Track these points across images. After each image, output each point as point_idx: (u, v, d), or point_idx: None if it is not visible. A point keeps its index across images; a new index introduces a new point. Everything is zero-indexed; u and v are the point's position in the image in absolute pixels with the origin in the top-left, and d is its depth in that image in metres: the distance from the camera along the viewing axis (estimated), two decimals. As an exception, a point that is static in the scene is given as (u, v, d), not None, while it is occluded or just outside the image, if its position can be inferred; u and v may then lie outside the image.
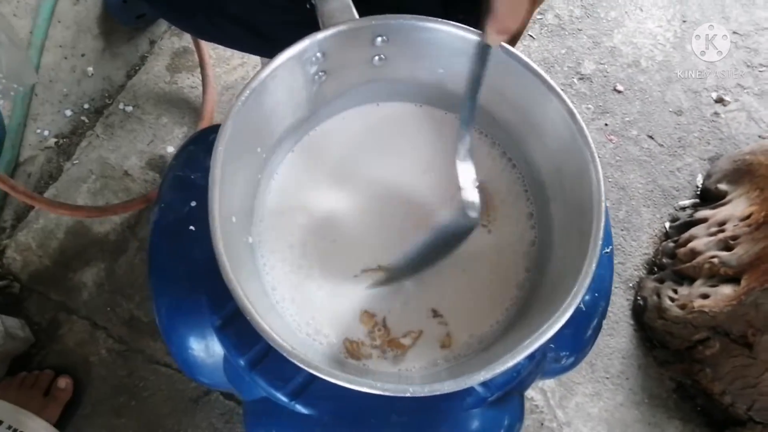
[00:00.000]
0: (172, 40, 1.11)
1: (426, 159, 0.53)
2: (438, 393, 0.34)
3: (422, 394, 0.34)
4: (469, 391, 0.46)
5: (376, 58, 0.47)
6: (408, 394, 0.34)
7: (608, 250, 0.53)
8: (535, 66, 0.43)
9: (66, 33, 1.06)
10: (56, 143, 1.03)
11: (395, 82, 0.51)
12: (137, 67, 1.09)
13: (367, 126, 0.54)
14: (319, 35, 0.42)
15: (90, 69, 1.06)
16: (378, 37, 0.45)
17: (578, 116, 0.42)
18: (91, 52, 1.07)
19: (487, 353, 0.44)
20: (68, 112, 1.04)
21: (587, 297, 0.51)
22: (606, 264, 0.52)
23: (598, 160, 0.41)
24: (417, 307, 0.48)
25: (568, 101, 0.42)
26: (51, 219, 0.98)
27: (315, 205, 0.51)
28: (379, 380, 0.35)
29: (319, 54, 0.44)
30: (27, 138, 1.02)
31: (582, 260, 0.38)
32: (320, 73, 0.46)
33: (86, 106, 1.05)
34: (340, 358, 0.46)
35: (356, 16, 0.44)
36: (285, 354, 0.35)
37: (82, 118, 1.05)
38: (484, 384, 0.46)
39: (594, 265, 0.38)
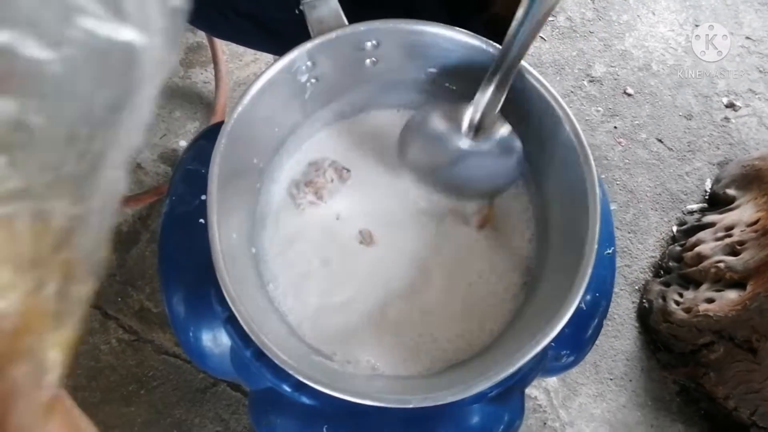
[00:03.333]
0: (186, 35, 1.12)
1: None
2: (439, 403, 0.36)
3: (424, 405, 0.36)
4: (470, 386, 0.47)
5: (368, 61, 0.48)
6: (410, 406, 0.36)
7: (610, 251, 0.53)
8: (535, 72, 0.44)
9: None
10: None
11: (387, 84, 0.51)
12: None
13: (366, 131, 0.55)
14: (308, 45, 0.43)
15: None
16: (368, 42, 0.45)
17: (577, 126, 0.44)
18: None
19: (482, 359, 0.45)
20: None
21: (588, 297, 0.52)
22: (608, 265, 0.53)
23: (595, 174, 0.43)
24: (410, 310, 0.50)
25: (567, 109, 0.44)
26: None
27: (317, 213, 0.52)
28: (380, 391, 0.36)
29: (309, 63, 0.44)
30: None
31: (574, 275, 0.39)
32: (312, 81, 0.47)
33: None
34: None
35: (345, 22, 0.44)
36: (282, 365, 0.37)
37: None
38: (484, 379, 0.47)
39: (585, 281, 0.39)
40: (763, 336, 0.81)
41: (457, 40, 0.45)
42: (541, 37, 1.18)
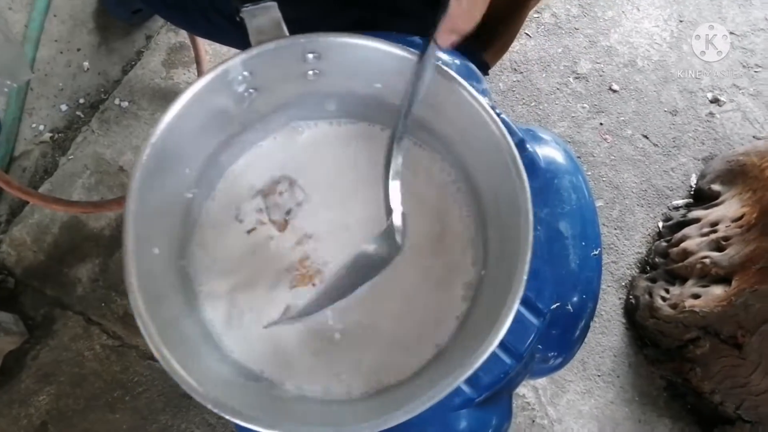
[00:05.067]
0: (169, 35, 1.10)
1: (361, 177, 0.52)
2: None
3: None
4: (457, 391, 0.46)
5: (310, 72, 0.47)
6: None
7: (596, 252, 0.53)
8: (470, 89, 0.44)
9: (62, 27, 1.05)
10: (51, 138, 1.03)
11: (331, 96, 0.50)
12: (133, 63, 1.09)
13: (302, 144, 0.54)
14: (243, 56, 0.42)
15: (86, 64, 1.06)
16: (309, 54, 0.44)
17: (511, 143, 0.42)
18: (87, 47, 1.07)
19: (421, 379, 0.45)
20: (63, 107, 1.04)
21: (575, 298, 0.51)
22: (594, 266, 0.53)
23: (528, 193, 0.41)
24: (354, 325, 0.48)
25: (501, 126, 0.43)
26: (46, 214, 0.98)
27: (248, 224, 0.51)
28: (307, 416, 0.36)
29: (246, 73, 0.43)
30: (22, 132, 1.02)
31: (499, 310, 0.38)
32: (250, 91, 0.46)
33: (81, 101, 1.05)
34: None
35: (286, 32, 0.43)
36: (200, 400, 0.36)
37: (78, 113, 1.05)
38: (471, 384, 0.46)
39: (511, 317, 0.38)
40: (749, 331, 0.81)
41: (398, 55, 0.44)
42: (527, 34, 1.18)
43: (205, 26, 0.70)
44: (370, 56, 0.45)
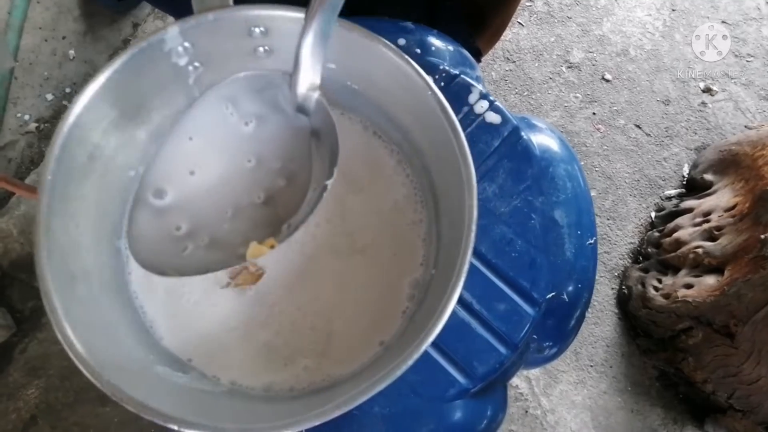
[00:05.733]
0: (156, 23, 1.09)
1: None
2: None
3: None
4: (452, 382, 0.46)
5: (260, 49, 0.44)
6: None
7: (591, 242, 0.53)
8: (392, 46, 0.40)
9: (46, 14, 1.03)
10: (37, 128, 1.01)
11: (283, 75, 0.47)
12: (120, 51, 1.07)
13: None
14: (181, 24, 0.39)
15: (71, 52, 1.04)
16: (254, 28, 0.41)
17: (452, 115, 0.38)
18: (73, 35, 1.05)
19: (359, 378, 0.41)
20: (49, 96, 1.02)
21: (570, 288, 0.51)
22: (590, 255, 0.52)
23: (474, 183, 0.37)
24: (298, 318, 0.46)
25: (439, 94, 0.39)
26: (32, 205, 0.96)
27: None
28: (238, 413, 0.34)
29: (187, 44, 0.41)
30: (7, 122, 1.00)
31: (438, 301, 0.35)
32: (195, 65, 0.43)
33: (68, 90, 1.03)
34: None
35: (230, 2, 0.40)
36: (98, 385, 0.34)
37: (64, 102, 1.03)
38: (466, 375, 0.46)
39: (449, 309, 0.35)
40: (741, 320, 0.81)
41: (349, 36, 0.40)
42: (519, 23, 1.17)
43: (191, 12, 0.69)
44: None
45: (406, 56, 0.40)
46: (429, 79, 0.40)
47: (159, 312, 0.45)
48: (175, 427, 0.33)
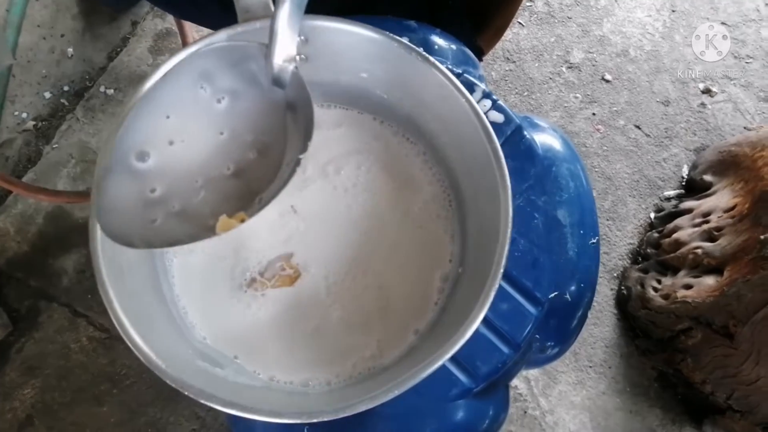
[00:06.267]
0: (155, 21, 1.08)
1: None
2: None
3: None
4: (455, 382, 0.46)
5: (297, 57, 0.45)
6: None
7: (594, 241, 0.52)
8: (453, 78, 0.42)
9: (44, 12, 1.03)
10: (35, 126, 1.00)
11: (317, 85, 0.48)
12: (119, 49, 1.06)
13: None
14: (229, 31, 0.41)
15: (70, 50, 1.04)
16: (297, 36, 0.42)
17: (492, 134, 0.40)
18: (71, 33, 1.04)
19: (401, 365, 0.43)
20: (47, 95, 1.02)
21: (573, 287, 0.51)
22: (592, 255, 0.52)
23: (509, 188, 0.39)
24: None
25: (482, 115, 0.41)
26: (30, 204, 0.96)
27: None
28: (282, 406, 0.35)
29: None
30: (4, 120, 0.99)
31: (475, 300, 0.37)
32: None
33: (66, 88, 1.03)
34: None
35: (272, 10, 0.41)
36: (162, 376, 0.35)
37: (62, 100, 1.02)
38: (469, 374, 0.46)
39: (487, 304, 0.37)
40: (741, 321, 0.81)
41: (382, 44, 0.42)
42: (519, 23, 1.17)
43: (192, 10, 0.69)
44: (355, 42, 0.43)
45: (443, 67, 0.42)
46: (466, 91, 0.41)
47: (198, 311, 0.46)
48: (235, 412, 0.34)
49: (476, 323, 0.36)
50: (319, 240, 0.48)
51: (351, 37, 0.43)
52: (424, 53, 0.42)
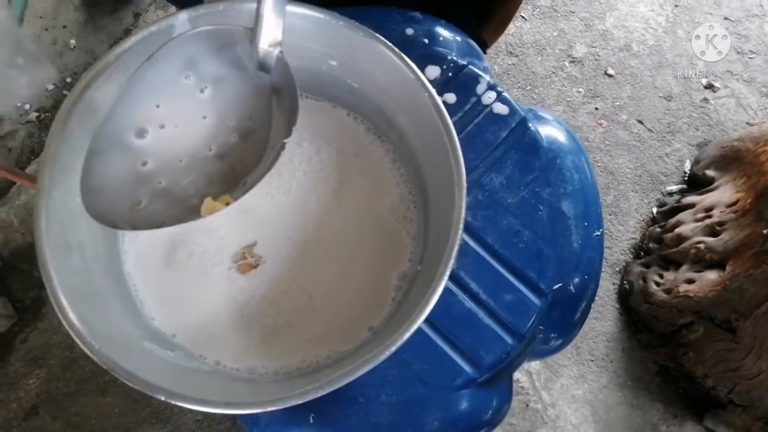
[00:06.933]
0: (158, 13, 1.08)
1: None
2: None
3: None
4: (459, 372, 0.46)
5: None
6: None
7: (598, 233, 0.53)
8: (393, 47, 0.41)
9: (46, 3, 1.02)
10: (38, 117, 1.00)
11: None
12: (121, 41, 1.06)
13: None
14: (190, 12, 0.40)
15: (72, 41, 1.03)
16: None
17: (449, 123, 0.39)
18: (73, 24, 1.04)
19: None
20: (50, 86, 1.02)
21: (576, 279, 0.51)
22: (596, 246, 0.52)
23: (464, 184, 0.38)
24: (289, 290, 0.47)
25: (437, 99, 0.40)
26: (33, 195, 0.96)
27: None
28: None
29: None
30: (7, 112, 0.99)
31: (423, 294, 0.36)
32: None
33: (68, 79, 1.03)
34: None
35: None
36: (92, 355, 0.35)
37: (64, 92, 1.02)
38: (474, 365, 0.46)
39: (437, 295, 0.36)
40: (743, 315, 0.81)
41: (353, 35, 0.41)
42: (522, 17, 1.17)
43: (195, 1, 0.68)
44: (321, 29, 0.42)
45: (404, 55, 0.41)
46: (424, 78, 0.40)
47: (151, 292, 0.45)
48: (162, 398, 0.34)
49: (419, 321, 0.35)
50: (282, 231, 0.47)
51: (303, 20, 0.42)
52: (371, 31, 0.41)
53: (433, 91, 0.40)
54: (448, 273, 0.36)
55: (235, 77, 0.40)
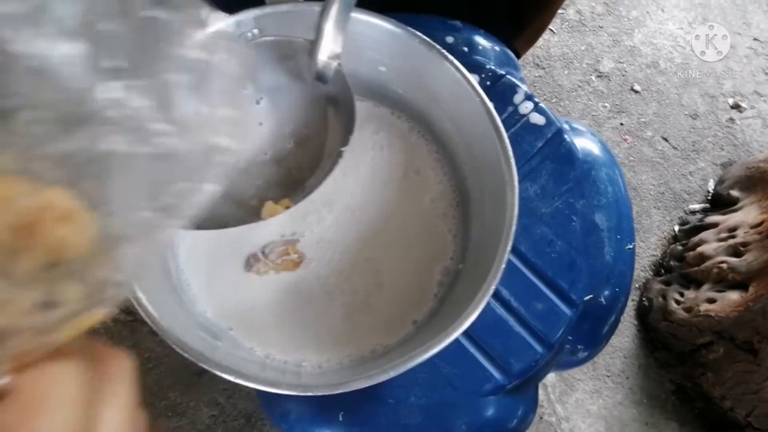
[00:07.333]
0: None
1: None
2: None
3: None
4: (488, 377, 0.46)
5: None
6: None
7: (630, 247, 0.53)
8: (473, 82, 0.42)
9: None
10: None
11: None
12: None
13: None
14: (257, 11, 0.41)
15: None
16: None
17: (503, 134, 0.40)
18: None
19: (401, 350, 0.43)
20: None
21: (607, 292, 0.51)
22: (628, 260, 0.52)
23: (516, 188, 0.39)
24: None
25: (495, 114, 0.41)
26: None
27: None
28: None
29: (255, 30, 0.42)
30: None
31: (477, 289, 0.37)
32: None
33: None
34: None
35: None
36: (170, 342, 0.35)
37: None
38: (503, 371, 0.46)
39: (483, 303, 0.36)
40: (765, 337, 0.81)
41: (402, 38, 0.42)
42: (551, 30, 1.17)
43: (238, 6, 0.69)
44: (377, 35, 0.43)
45: (459, 65, 0.42)
46: (479, 88, 0.41)
47: (202, 287, 0.46)
48: (241, 382, 0.35)
49: (473, 317, 0.36)
50: (326, 227, 0.48)
51: (373, 30, 0.43)
52: (443, 50, 0.42)
53: (483, 95, 0.41)
54: (499, 276, 0.37)
55: (292, 86, 0.42)
